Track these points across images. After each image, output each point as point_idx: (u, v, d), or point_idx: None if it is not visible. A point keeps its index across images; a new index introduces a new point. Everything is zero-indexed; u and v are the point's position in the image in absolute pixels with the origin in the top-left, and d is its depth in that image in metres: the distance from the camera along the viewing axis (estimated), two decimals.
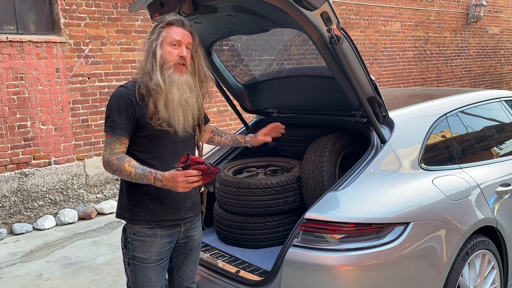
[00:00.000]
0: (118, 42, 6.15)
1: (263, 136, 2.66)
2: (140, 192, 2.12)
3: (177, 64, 2.08)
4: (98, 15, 5.95)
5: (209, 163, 1.95)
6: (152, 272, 2.16)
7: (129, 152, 2.11)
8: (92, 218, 5.75)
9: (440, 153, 2.78)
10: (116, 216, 2.22)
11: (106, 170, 2.07)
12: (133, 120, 2.06)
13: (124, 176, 2.02)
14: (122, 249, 2.25)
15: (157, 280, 2.18)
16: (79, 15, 5.78)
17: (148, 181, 1.98)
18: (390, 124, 2.65)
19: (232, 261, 2.77)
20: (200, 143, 2.40)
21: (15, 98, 5.33)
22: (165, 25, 2.11)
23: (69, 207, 5.80)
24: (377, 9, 9.63)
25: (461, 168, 2.77)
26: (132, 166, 1.99)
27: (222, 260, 2.77)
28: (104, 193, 6.14)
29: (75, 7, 5.74)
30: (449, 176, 2.65)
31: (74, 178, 5.86)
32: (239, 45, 3.62)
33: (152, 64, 2.07)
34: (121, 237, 2.26)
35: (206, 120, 2.46)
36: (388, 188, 2.42)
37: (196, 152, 2.38)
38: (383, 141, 2.56)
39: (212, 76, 2.31)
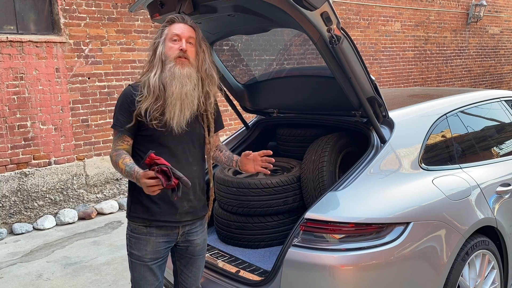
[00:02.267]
0: (118, 42, 6.15)
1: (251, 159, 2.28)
2: (137, 189, 2.12)
3: (177, 57, 2.08)
4: (98, 15, 5.95)
5: (172, 169, 1.81)
6: (148, 271, 2.16)
7: (134, 152, 2.15)
8: (92, 218, 5.75)
9: (440, 153, 2.78)
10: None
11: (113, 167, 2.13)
12: (135, 118, 2.08)
13: (121, 173, 2.05)
14: (127, 244, 2.25)
15: (153, 279, 2.17)
16: (79, 15, 5.78)
17: (133, 180, 1.99)
18: (390, 124, 2.65)
19: (232, 261, 2.77)
20: (209, 146, 2.28)
21: (15, 98, 5.33)
22: (167, 23, 2.14)
23: (69, 207, 5.80)
24: (377, 9, 9.62)
25: (461, 168, 2.77)
26: (123, 163, 2.01)
27: (222, 260, 2.77)
28: (104, 193, 6.14)
29: (75, 7, 5.74)
30: (449, 176, 2.65)
31: (74, 178, 5.86)
32: (239, 45, 3.62)
33: (154, 61, 2.10)
34: (126, 233, 2.27)
35: (219, 126, 2.35)
36: (388, 188, 2.41)
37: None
38: (383, 141, 2.56)
39: (216, 76, 2.24)
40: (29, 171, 5.46)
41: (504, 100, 3.46)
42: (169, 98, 2.05)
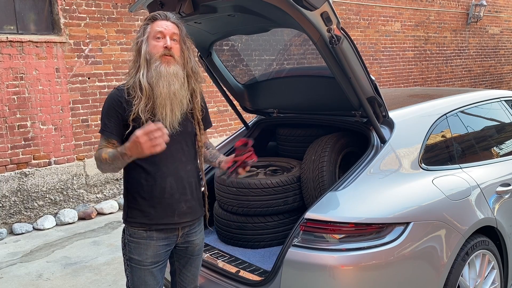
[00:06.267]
0: (118, 42, 6.15)
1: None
2: (133, 193, 2.11)
3: (163, 55, 2.03)
4: (98, 15, 5.95)
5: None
6: (148, 275, 2.14)
7: None
8: (92, 218, 5.75)
9: (440, 153, 2.78)
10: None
11: (98, 169, 2.07)
12: (122, 121, 2.05)
13: (107, 165, 2.00)
14: (122, 249, 2.25)
15: (154, 283, 2.16)
16: (79, 15, 5.78)
17: (118, 159, 1.94)
18: (390, 124, 2.65)
19: (232, 261, 2.77)
20: (200, 143, 2.26)
21: (15, 98, 5.32)
22: (149, 21, 2.08)
23: (69, 207, 5.80)
24: (377, 9, 9.62)
25: (461, 168, 2.77)
26: (106, 153, 1.99)
27: (222, 260, 2.77)
28: (104, 193, 6.14)
29: (75, 7, 5.74)
30: (449, 176, 2.65)
31: (74, 178, 5.86)
32: (239, 45, 3.62)
33: (139, 61, 2.05)
34: (122, 237, 2.26)
35: (207, 124, 2.34)
36: (388, 188, 2.41)
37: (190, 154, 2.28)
38: (383, 141, 2.56)
39: (201, 73, 2.20)
40: (29, 171, 5.46)
41: (504, 100, 3.47)
42: (158, 99, 2.01)
